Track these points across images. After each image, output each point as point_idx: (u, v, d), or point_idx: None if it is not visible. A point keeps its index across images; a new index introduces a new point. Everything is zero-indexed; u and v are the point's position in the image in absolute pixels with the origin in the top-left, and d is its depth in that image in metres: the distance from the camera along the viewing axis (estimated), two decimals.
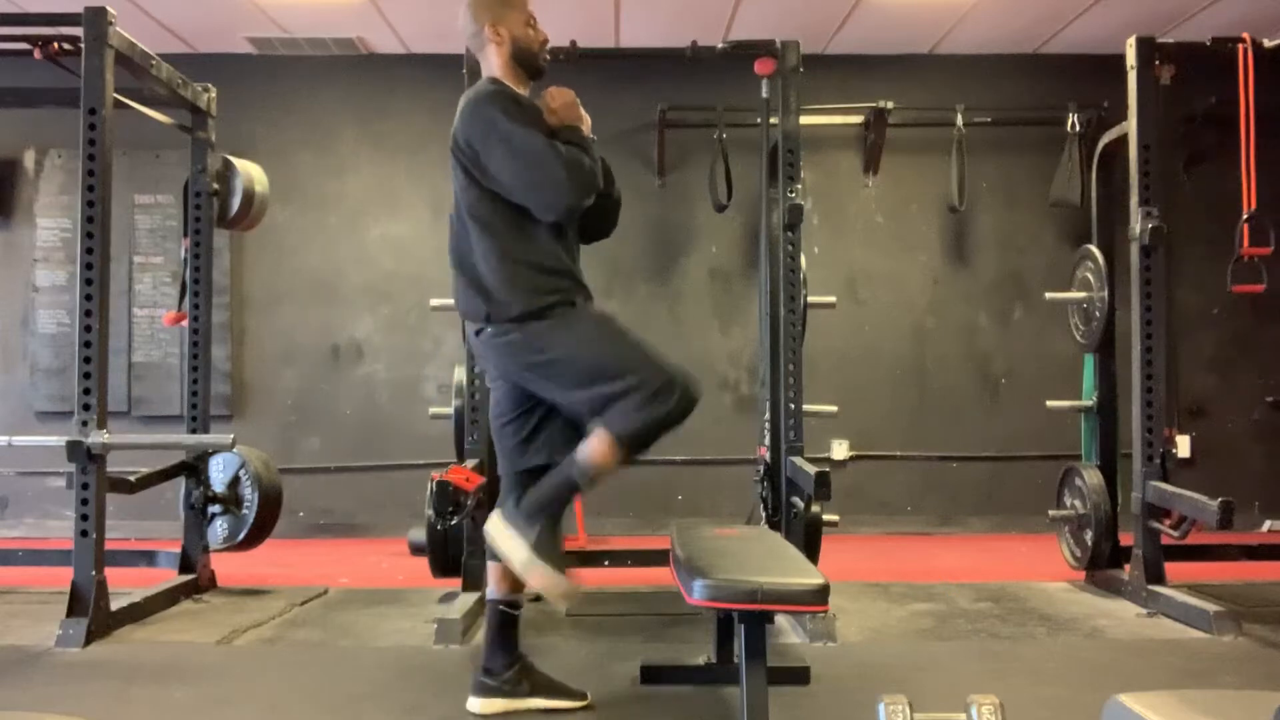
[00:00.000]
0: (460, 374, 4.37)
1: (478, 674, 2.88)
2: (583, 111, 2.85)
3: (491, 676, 2.86)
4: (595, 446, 2.64)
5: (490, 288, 2.72)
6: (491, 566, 2.90)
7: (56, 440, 3.76)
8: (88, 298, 3.77)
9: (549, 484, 2.71)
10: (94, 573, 3.68)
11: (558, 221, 2.74)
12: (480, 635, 3.75)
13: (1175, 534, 4.05)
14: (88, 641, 3.57)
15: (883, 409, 6.46)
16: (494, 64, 2.85)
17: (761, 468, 4.32)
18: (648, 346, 2.74)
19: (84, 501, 3.71)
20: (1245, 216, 4.16)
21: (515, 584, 2.87)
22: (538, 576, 2.66)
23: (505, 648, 2.88)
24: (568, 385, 2.70)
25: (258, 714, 2.95)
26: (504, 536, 2.68)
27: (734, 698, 2.76)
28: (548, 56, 2.93)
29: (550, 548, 2.67)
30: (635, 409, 2.60)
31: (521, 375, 2.77)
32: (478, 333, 2.79)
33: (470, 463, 4.05)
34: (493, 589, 2.91)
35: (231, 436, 4.12)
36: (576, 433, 2.75)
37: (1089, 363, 4.82)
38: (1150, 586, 4.08)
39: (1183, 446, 6.04)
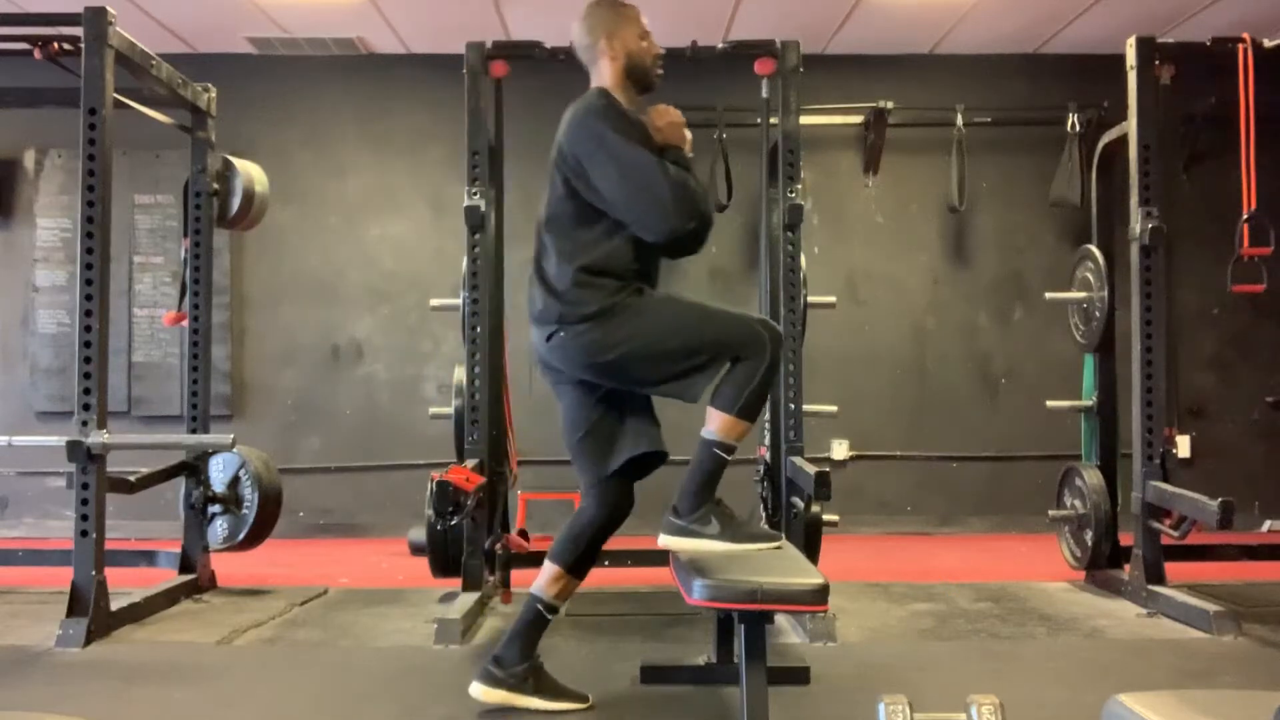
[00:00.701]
0: (460, 374, 4.37)
1: (488, 661, 2.86)
2: (686, 132, 2.84)
3: (501, 667, 2.83)
4: (719, 426, 2.67)
5: (562, 290, 2.73)
6: (547, 566, 2.87)
7: (56, 440, 3.76)
8: (88, 298, 3.77)
9: (693, 479, 2.72)
10: (94, 573, 3.67)
11: (656, 242, 2.73)
12: (480, 634, 3.77)
13: (1175, 534, 4.05)
14: (88, 641, 3.57)
15: (883, 409, 6.46)
16: (606, 77, 2.86)
17: (761, 468, 4.32)
18: (716, 312, 2.76)
19: (84, 501, 3.71)
20: (1245, 216, 4.16)
21: (565, 591, 2.87)
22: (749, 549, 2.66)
23: (525, 644, 2.85)
24: (650, 373, 2.73)
25: (258, 714, 2.96)
26: (687, 545, 2.68)
27: (734, 698, 2.76)
28: (660, 70, 2.92)
29: (735, 527, 2.68)
30: (736, 381, 2.65)
31: (597, 375, 2.77)
32: (549, 337, 2.77)
33: (470, 463, 4.05)
34: (541, 586, 2.87)
35: (231, 436, 4.12)
36: (655, 418, 2.83)
37: (1089, 363, 4.82)
38: (1150, 586, 4.08)
39: (1183, 446, 6.04)
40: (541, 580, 2.88)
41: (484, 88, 4.29)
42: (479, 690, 2.83)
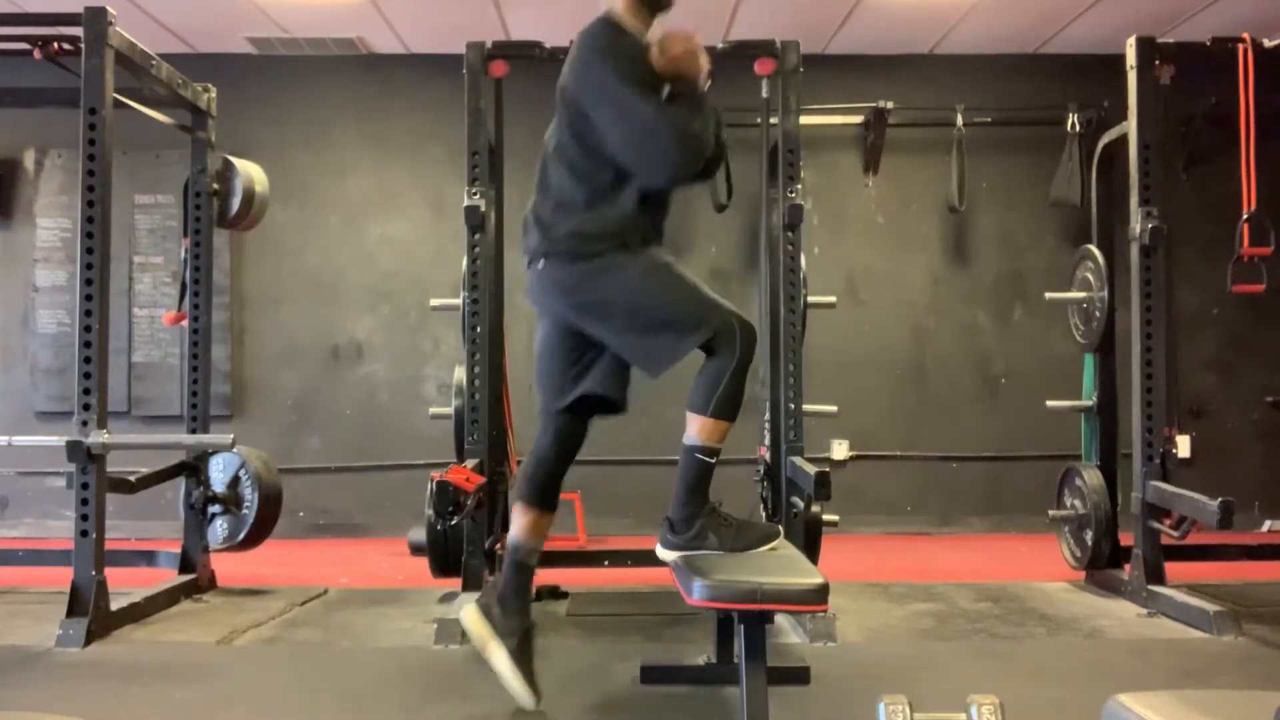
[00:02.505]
0: (460, 374, 4.37)
1: (491, 599, 2.80)
2: (703, 60, 2.73)
3: (500, 608, 2.77)
4: (698, 430, 2.66)
5: (549, 224, 2.70)
6: (516, 509, 2.85)
7: (56, 440, 3.75)
8: (88, 298, 3.77)
9: (681, 486, 2.71)
10: (94, 573, 3.67)
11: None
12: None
13: (1175, 534, 4.04)
14: (88, 641, 3.57)
15: (882, 409, 6.46)
16: (617, 1, 2.75)
17: (761, 468, 4.32)
18: (701, 295, 2.70)
19: (84, 501, 3.71)
20: (1245, 216, 4.16)
21: (537, 528, 2.84)
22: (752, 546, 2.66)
23: (519, 594, 2.81)
24: (618, 329, 2.70)
25: (258, 714, 2.95)
26: (678, 556, 2.65)
27: (734, 698, 2.76)
28: None
29: (733, 537, 2.66)
30: (706, 383, 2.64)
31: (570, 314, 2.75)
32: (529, 264, 2.77)
33: (470, 463, 4.05)
34: (514, 532, 2.84)
35: (231, 436, 4.12)
36: (625, 370, 2.78)
37: (1089, 363, 4.82)
38: (1150, 586, 4.08)
39: (1183, 446, 6.02)
40: (514, 526, 2.86)
41: (484, 88, 4.29)
42: (468, 615, 2.76)
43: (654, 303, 2.69)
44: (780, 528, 2.81)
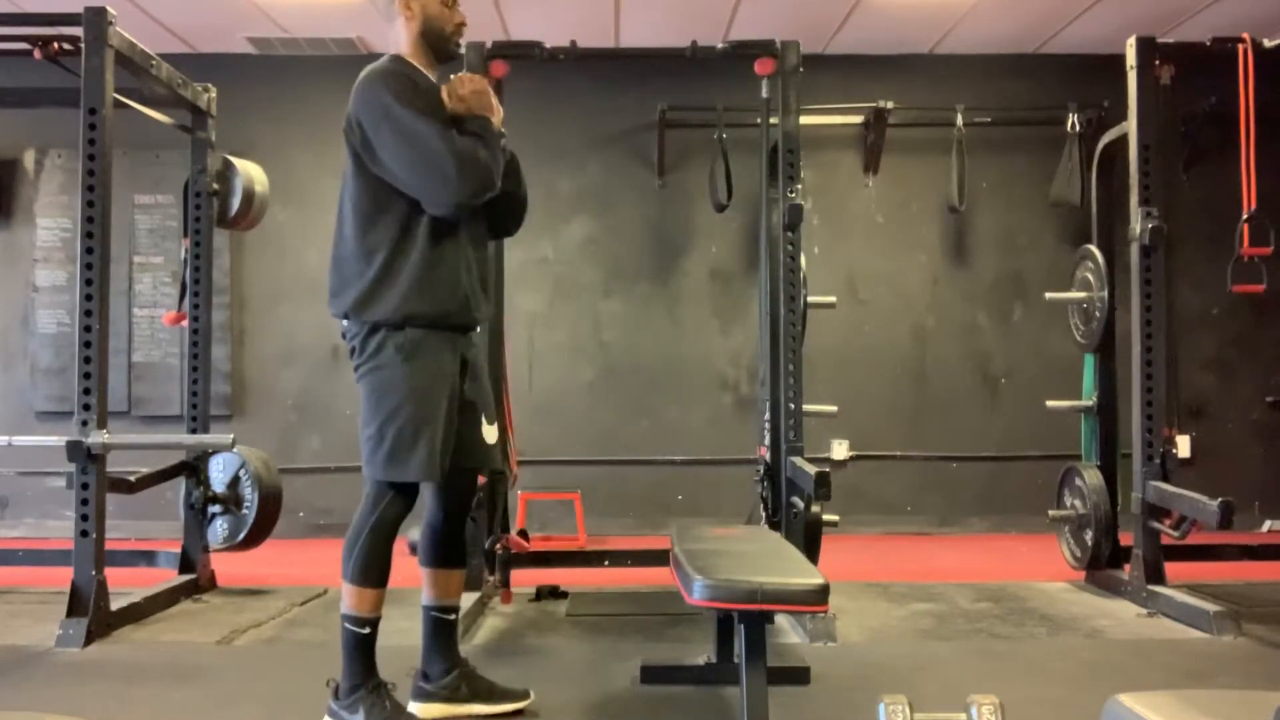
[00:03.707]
0: None
1: (416, 678, 2.83)
2: (495, 102, 2.70)
3: (429, 682, 2.81)
4: (343, 595, 2.79)
5: (349, 279, 2.63)
6: (424, 572, 2.89)
7: (56, 440, 3.76)
8: (88, 298, 3.77)
9: (343, 658, 2.72)
10: (94, 573, 3.68)
11: (447, 218, 2.60)
12: (480, 635, 3.77)
13: (1175, 534, 4.05)
14: (88, 641, 3.57)
15: (883, 409, 6.46)
16: (401, 40, 2.71)
17: (761, 468, 4.32)
18: (399, 426, 2.61)
19: (84, 501, 3.71)
20: (1245, 216, 4.16)
21: (447, 590, 2.87)
22: None
23: (442, 653, 2.84)
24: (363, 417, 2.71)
25: (258, 714, 2.95)
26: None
27: (734, 698, 2.76)
28: (460, 41, 2.77)
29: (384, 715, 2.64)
30: (347, 543, 2.79)
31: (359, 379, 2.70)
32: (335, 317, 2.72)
33: None
34: (426, 595, 2.89)
35: (231, 436, 4.12)
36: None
37: (1089, 363, 4.82)
38: (1150, 586, 4.08)
39: (1183, 446, 6.03)
40: (424, 589, 2.91)
41: None
42: (417, 709, 2.78)
43: (374, 412, 2.70)
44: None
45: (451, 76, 2.73)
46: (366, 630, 2.68)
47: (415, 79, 2.67)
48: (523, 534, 4.42)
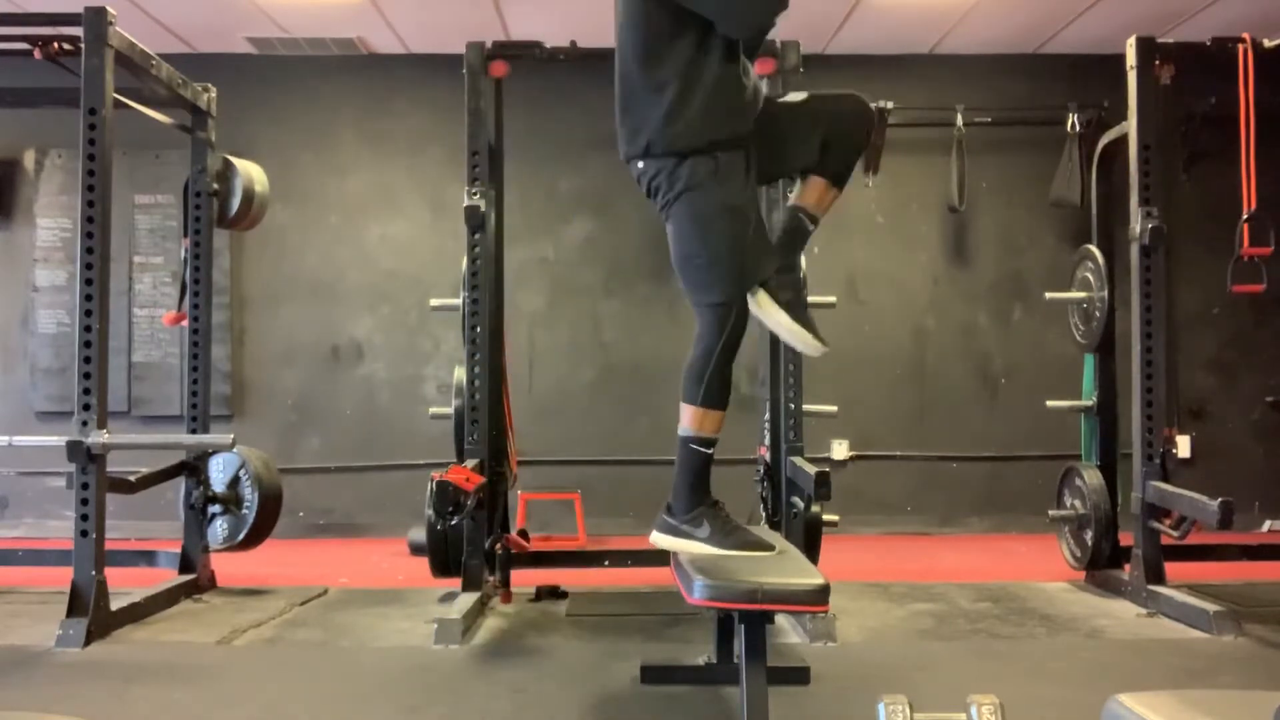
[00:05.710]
0: (460, 374, 4.37)
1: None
2: None
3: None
4: (689, 419, 2.70)
5: (646, 117, 2.65)
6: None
7: (56, 440, 3.76)
8: (88, 298, 3.77)
9: (679, 477, 2.69)
10: (94, 573, 3.67)
11: (732, 41, 2.62)
12: (480, 635, 3.77)
13: (1175, 534, 4.05)
14: (88, 641, 3.57)
15: (883, 409, 6.46)
16: None
17: (761, 468, 4.32)
18: (736, 251, 2.65)
19: (84, 501, 3.71)
20: (1245, 216, 4.17)
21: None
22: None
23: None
24: (675, 250, 2.69)
25: (258, 714, 2.95)
26: (675, 544, 2.66)
27: (734, 698, 2.76)
28: None
29: (727, 532, 2.64)
30: (693, 371, 2.69)
31: (664, 212, 2.70)
32: (628, 161, 2.74)
33: (470, 463, 4.05)
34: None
35: (231, 436, 4.12)
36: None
37: (1089, 363, 4.82)
38: (1150, 586, 4.08)
39: (1183, 446, 6.04)
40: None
41: (484, 88, 4.29)
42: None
43: (696, 241, 2.68)
44: (775, 546, 2.71)
45: None
46: (710, 451, 2.72)
47: None
48: (523, 534, 4.43)
